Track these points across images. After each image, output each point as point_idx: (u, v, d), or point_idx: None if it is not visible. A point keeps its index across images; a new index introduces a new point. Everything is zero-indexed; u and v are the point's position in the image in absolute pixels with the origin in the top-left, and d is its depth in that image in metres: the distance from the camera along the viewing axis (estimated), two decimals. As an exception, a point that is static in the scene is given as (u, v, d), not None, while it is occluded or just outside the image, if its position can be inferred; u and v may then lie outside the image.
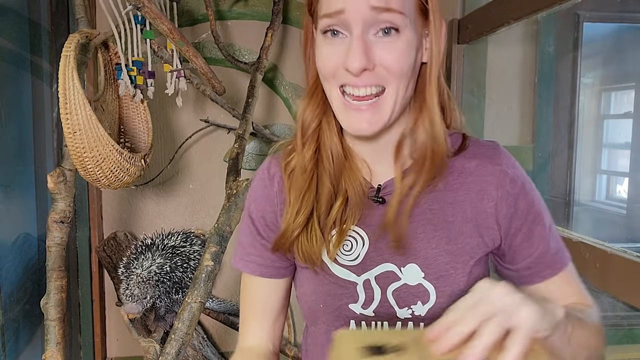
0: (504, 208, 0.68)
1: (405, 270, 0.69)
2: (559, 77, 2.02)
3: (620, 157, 2.15)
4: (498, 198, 0.68)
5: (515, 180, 0.69)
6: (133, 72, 1.48)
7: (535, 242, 0.69)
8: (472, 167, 0.69)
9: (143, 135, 1.64)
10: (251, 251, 0.76)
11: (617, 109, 2.15)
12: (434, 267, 0.68)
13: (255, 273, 0.76)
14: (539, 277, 0.70)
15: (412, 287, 0.69)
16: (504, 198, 0.68)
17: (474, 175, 0.69)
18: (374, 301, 0.70)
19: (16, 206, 1.52)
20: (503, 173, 0.68)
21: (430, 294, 0.68)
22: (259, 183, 0.76)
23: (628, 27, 2.10)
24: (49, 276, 1.36)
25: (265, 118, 2.01)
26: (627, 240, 1.87)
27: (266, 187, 0.75)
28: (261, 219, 0.75)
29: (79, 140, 1.27)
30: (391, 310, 0.69)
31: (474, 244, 0.69)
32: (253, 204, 0.76)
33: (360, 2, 0.60)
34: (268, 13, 1.86)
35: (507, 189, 0.68)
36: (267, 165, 0.77)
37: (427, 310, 0.69)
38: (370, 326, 0.71)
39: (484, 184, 0.69)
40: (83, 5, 1.48)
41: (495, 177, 0.68)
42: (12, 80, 1.50)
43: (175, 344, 1.37)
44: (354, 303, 0.70)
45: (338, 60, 0.63)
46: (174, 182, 1.99)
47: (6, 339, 1.38)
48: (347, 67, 0.61)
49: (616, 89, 2.17)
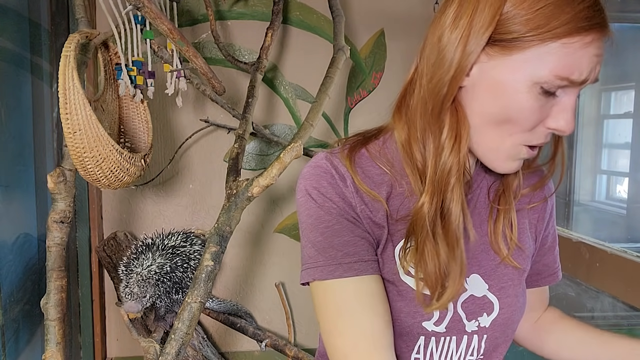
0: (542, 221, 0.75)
1: (470, 281, 0.68)
2: (559, 77, 2.02)
3: (620, 157, 2.15)
4: (540, 211, 0.75)
5: (551, 190, 0.77)
6: (133, 72, 1.48)
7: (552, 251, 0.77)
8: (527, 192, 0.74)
9: (143, 135, 1.64)
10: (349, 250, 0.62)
11: (617, 109, 2.15)
12: (495, 279, 0.69)
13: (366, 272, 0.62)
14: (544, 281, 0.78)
15: (478, 298, 0.68)
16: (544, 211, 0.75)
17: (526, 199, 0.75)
18: (447, 316, 0.66)
19: (16, 206, 1.52)
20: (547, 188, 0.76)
21: (495, 305, 0.69)
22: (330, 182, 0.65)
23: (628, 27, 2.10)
24: (49, 276, 1.36)
25: (265, 118, 2.01)
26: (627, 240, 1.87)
27: (339, 186, 0.65)
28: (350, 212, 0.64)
29: (79, 140, 1.27)
30: (461, 325, 0.67)
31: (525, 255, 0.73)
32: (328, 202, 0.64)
33: (596, 73, 0.58)
34: (268, 13, 1.86)
35: (548, 202, 0.75)
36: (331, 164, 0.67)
37: (490, 322, 0.69)
38: (438, 342, 0.67)
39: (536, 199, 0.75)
40: (83, 5, 1.48)
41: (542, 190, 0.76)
42: (12, 80, 1.50)
43: (175, 344, 1.37)
44: (427, 320, 0.65)
45: (542, 117, 0.59)
46: (174, 182, 1.99)
47: (6, 339, 1.38)
48: (558, 127, 0.59)
49: (616, 89, 2.17)
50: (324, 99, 1.60)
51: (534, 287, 0.79)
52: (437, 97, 0.60)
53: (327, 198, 0.64)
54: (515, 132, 0.60)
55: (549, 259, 0.79)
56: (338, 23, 1.76)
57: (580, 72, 0.56)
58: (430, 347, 0.67)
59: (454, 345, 0.67)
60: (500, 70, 0.57)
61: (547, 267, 0.80)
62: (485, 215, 0.70)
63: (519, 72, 0.56)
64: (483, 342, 0.69)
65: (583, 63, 0.56)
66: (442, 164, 0.60)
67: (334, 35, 1.74)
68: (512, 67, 0.57)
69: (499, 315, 0.69)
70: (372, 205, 0.65)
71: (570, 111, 0.58)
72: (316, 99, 1.61)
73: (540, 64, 0.55)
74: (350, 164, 0.66)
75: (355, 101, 2.04)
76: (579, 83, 0.57)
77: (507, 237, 0.70)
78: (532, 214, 0.74)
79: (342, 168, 0.66)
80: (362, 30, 2.01)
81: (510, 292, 0.70)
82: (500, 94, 0.58)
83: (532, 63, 0.56)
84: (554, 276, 0.80)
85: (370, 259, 0.63)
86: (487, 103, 0.59)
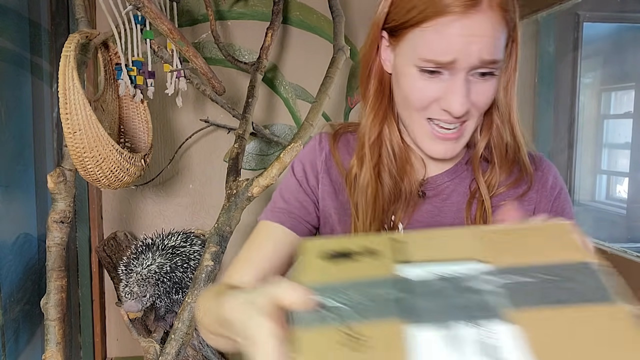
0: (540, 211, 0.72)
1: None
2: (559, 77, 2.02)
3: (620, 157, 2.15)
4: (537, 201, 0.72)
5: (554, 186, 0.73)
6: (133, 72, 1.48)
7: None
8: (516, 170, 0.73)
9: (143, 135, 1.64)
10: (283, 206, 0.75)
11: (617, 109, 2.15)
12: None
13: (283, 222, 0.74)
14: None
15: None
16: (542, 201, 0.72)
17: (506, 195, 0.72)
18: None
19: (16, 206, 1.52)
20: (544, 178, 0.73)
21: None
22: (309, 149, 0.79)
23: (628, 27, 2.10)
24: (49, 276, 1.36)
25: (265, 118, 2.01)
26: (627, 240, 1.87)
27: (314, 153, 0.78)
28: (303, 178, 0.78)
29: (79, 140, 1.27)
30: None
31: None
32: (299, 165, 0.79)
33: (473, 55, 0.59)
34: (268, 13, 1.86)
35: (546, 193, 0.72)
36: (319, 138, 0.80)
37: None
38: None
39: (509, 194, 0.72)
40: (83, 5, 1.48)
41: (537, 181, 0.72)
42: (12, 80, 1.50)
43: (175, 344, 1.37)
44: None
45: (434, 96, 0.63)
46: (174, 182, 1.99)
47: (6, 339, 1.38)
48: (448, 109, 0.62)
49: (616, 89, 2.17)
50: (324, 99, 1.60)
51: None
52: (363, 70, 0.72)
53: (300, 167, 0.78)
54: (414, 111, 0.67)
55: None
56: (338, 23, 1.76)
57: (446, 54, 0.59)
58: None
59: None
60: (397, 58, 0.67)
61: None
62: (462, 204, 0.72)
63: (404, 57, 0.65)
64: None
65: (447, 44, 0.59)
66: (362, 127, 0.72)
67: (334, 35, 1.75)
68: (400, 53, 0.65)
69: None
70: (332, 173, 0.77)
71: (457, 93, 0.61)
72: (316, 99, 1.61)
73: (412, 49, 0.63)
74: (335, 140, 0.77)
75: (355, 101, 2.04)
76: (448, 64, 0.60)
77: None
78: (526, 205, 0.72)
79: (325, 142, 0.78)
80: (362, 30, 2.01)
81: None
82: (397, 78, 0.67)
83: (408, 49, 0.63)
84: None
85: (298, 215, 0.74)
86: (395, 88, 0.69)
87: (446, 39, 0.59)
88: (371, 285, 0.37)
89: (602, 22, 2.08)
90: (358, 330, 0.33)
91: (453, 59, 0.60)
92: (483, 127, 0.71)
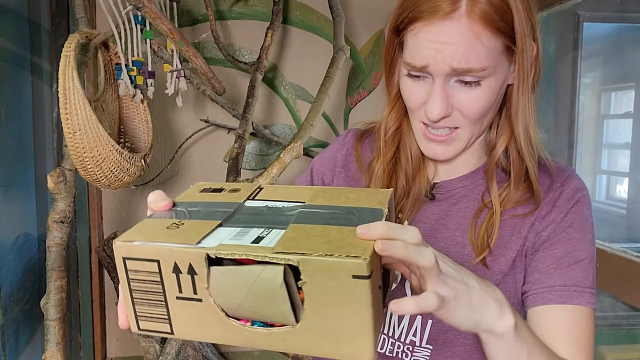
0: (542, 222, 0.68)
1: None
2: (559, 77, 2.02)
3: (620, 157, 2.15)
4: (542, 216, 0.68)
5: (571, 199, 0.68)
6: (133, 72, 1.48)
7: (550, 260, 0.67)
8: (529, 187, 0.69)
9: (143, 135, 1.64)
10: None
11: (617, 109, 2.15)
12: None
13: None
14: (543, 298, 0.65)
15: None
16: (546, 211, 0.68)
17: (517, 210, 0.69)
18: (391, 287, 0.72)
19: (16, 206, 1.52)
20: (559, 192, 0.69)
21: None
22: (334, 145, 0.82)
23: (628, 27, 2.10)
24: (49, 276, 1.36)
25: (265, 118, 2.01)
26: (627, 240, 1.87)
27: (337, 149, 0.81)
28: (319, 173, 0.80)
29: (79, 140, 1.27)
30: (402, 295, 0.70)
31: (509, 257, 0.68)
32: (319, 160, 0.81)
33: (442, 63, 0.60)
34: (268, 13, 1.86)
35: (557, 203, 0.68)
36: (346, 133, 0.83)
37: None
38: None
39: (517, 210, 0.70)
40: (83, 5, 1.48)
41: (550, 196, 0.69)
42: (12, 80, 1.50)
43: (175, 344, 1.37)
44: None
45: (420, 99, 0.65)
46: (174, 182, 1.99)
47: (6, 339, 1.38)
48: (426, 113, 0.64)
49: (616, 89, 2.17)
50: (324, 99, 1.60)
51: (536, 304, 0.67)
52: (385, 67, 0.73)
53: (318, 163, 0.82)
54: (411, 112, 0.69)
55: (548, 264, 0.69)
56: (338, 23, 1.76)
57: (419, 59, 0.61)
58: None
59: (396, 317, 0.71)
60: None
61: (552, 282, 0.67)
62: (470, 211, 0.70)
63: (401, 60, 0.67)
64: (427, 327, 0.69)
65: (418, 49, 0.61)
66: (381, 120, 0.74)
67: (334, 35, 1.75)
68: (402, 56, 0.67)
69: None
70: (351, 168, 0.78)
71: (433, 98, 0.62)
72: (316, 99, 1.61)
73: (403, 52, 0.65)
74: (361, 137, 0.80)
75: (355, 101, 2.04)
76: (420, 69, 0.62)
77: (485, 240, 0.68)
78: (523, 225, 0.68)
79: (350, 138, 0.81)
80: (362, 30, 2.01)
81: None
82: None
83: (404, 52, 0.66)
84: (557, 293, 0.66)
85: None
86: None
87: (418, 44, 0.61)
88: (217, 205, 0.49)
89: (602, 22, 2.08)
90: (183, 223, 0.46)
91: (425, 64, 0.61)
92: (502, 136, 0.70)
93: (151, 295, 0.44)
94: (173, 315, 0.44)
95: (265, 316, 0.43)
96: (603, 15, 2.05)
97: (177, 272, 0.43)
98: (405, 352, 0.71)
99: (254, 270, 0.41)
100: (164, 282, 0.43)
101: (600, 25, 2.07)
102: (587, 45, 1.98)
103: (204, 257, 0.42)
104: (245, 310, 0.43)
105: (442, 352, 0.70)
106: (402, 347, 0.71)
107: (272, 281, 0.41)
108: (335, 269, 0.39)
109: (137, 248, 0.43)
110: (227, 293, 0.42)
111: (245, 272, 0.41)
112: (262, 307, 0.42)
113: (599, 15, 2.02)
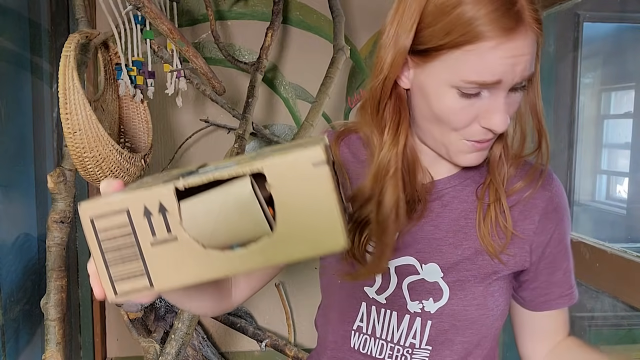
0: (542, 235, 0.70)
1: (425, 268, 0.71)
2: (559, 77, 2.02)
3: (620, 157, 2.15)
4: (539, 223, 0.70)
5: (558, 210, 0.71)
6: (133, 72, 1.48)
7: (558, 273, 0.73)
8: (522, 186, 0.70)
9: (143, 135, 1.64)
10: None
11: (617, 109, 2.15)
12: (454, 271, 0.70)
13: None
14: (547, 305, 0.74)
15: (428, 283, 0.70)
16: (545, 225, 0.70)
17: (520, 194, 0.71)
18: (389, 289, 0.71)
19: (16, 206, 1.52)
20: (550, 200, 0.71)
21: (444, 293, 0.70)
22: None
23: (628, 27, 2.10)
24: (49, 276, 1.36)
25: (265, 118, 2.01)
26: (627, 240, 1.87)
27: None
28: None
29: (79, 140, 1.27)
30: (402, 301, 0.71)
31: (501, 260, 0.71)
32: None
33: (517, 75, 0.59)
34: (268, 13, 1.86)
35: (550, 216, 0.71)
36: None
37: (436, 308, 0.70)
38: (379, 313, 0.73)
39: (530, 206, 0.70)
40: (83, 5, 1.48)
41: (543, 201, 0.70)
42: (12, 80, 1.50)
43: (175, 344, 1.37)
44: (369, 286, 0.72)
45: (471, 116, 0.62)
46: (174, 182, 1.99)
47: (6, 339, 1.38)
48: (490, 127, 0.62)
49: (616, 89, 2.17)
50: (324, 99, 1.60)
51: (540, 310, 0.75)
52: (374, 99, 0.67)
53: None
54: (450, 130, 0.64)
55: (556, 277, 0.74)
56: (338, 23, 1.76)
57: (491, 75, 0.58)
58: (372, 317, 0.73)
59: (395, 321, 0.71)
60: (425, 76, 0.63)
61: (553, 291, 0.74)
62: (462, 212, 0.71)
63: (437, 78, 0.61)
64: (427, 328, 0.70)
65: (491, 66, 0.58)
66: (382, 157, 0.66)
67: (334, 35, 1.75)
68: (431, 73, 0.62)
69: (447, 305, 0.69)
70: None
71: (499, 111, 0.61)
72: (316, 99, 1.61)
73: (452, 70, 0.60)
74: (337, 139, 0.76)
75: (355, 101, 2.04)
76: (493, 84, 0.59)
77: (501, 226, 0.69)
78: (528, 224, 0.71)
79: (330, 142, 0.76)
80: (362, 30, 2.01)
81: (468, 287, 0.69)
82: (427, 97, 0.63)
83: (445, 70, 0.60)
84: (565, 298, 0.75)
85: None
86: (421, 105, 0.65)
87: (490, 62, 0.58)
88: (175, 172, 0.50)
89: (602, 22, 2.08)
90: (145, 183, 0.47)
91: (498, 79, 0.59)
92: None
93: (124, 250, 0.44)
94: (150, 265, 0.44)
95: (240, 235, 0.44)
96: (603, 15, 2.05)
97: (148, 214, 0.43)
98: (405, 355, 0.72)
99: (222, 189, 0.43)
100: (136, 231, 0.44)
101: (600, 25, 2.07)
102: (587, 45, 1.98)
103: (173, 191, 0.43)
104: (221, 234, 0.44)
105: (441, 352, 0.71)
106: (402, 351, 0.72)
107: (242, 192, 0.43)
108: (296, 163, 0.42)
109: (104, 203, 0.44)
110: (200, 222, 0.43)
111: (214, 195, 0.43)
112: (237, 223, 0.43)
113: (599, 15, 2.02)
